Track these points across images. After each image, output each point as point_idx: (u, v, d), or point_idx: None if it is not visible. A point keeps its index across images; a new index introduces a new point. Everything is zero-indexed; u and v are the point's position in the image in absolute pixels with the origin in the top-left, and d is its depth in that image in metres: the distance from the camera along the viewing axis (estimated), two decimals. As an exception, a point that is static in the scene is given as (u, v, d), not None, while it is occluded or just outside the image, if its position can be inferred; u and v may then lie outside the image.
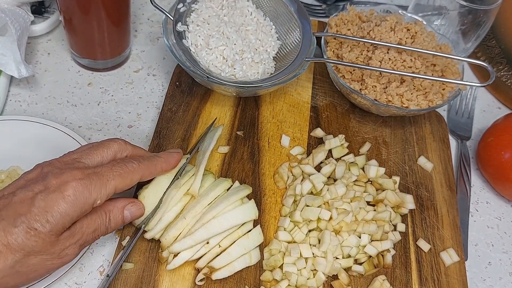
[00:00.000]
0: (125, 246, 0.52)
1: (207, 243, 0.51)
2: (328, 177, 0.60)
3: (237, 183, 0.57)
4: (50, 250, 0.42)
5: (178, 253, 0.51)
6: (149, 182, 0.53)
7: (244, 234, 0.53)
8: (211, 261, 0.51)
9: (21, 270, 0.41)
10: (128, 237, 0.53)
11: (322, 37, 0.68)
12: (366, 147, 0.65)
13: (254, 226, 0.54)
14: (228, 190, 0.55)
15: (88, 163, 0.46)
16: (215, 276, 0.51)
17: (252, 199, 0.54)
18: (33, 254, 0.41)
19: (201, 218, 0.51)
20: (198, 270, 0.52)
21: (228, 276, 0.51)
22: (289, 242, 0.55)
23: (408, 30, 0.67)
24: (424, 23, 0.70)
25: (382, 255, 0.55)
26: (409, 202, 0.60)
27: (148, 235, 0.52)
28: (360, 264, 0.54)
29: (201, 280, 0.51)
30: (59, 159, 0.47)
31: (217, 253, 0.52)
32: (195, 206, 0.52)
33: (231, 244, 0.52)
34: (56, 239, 0.42)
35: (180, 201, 0.52)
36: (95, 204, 0.45)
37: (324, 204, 0.56)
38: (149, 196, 0.52)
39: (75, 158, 0.47)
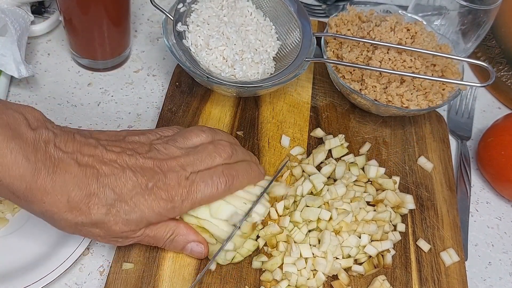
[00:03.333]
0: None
1: None
2: (328, 177, 0.60)
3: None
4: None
5: None
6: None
7: None
8: None
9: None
10: None
11: (322, 37, 0.68)
12: (366, 147, 0.65)
13: None
14: None
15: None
16: None
17: None
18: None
19: None
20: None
21: (228, 276, 0.52)
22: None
23: (408, 30, 0.67)
24: (424, 23, 0.70)
25: (382, 255, 0.55)
26: (409, 202, 0.60)
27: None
28: (360, 264, 0.54)
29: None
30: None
31: None
32: None
33: None
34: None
35: None
36: None
37: (324, 204, 0.56)
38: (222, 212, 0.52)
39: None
